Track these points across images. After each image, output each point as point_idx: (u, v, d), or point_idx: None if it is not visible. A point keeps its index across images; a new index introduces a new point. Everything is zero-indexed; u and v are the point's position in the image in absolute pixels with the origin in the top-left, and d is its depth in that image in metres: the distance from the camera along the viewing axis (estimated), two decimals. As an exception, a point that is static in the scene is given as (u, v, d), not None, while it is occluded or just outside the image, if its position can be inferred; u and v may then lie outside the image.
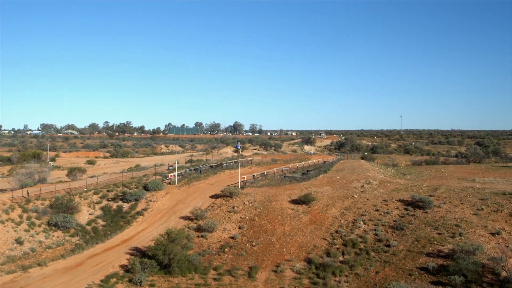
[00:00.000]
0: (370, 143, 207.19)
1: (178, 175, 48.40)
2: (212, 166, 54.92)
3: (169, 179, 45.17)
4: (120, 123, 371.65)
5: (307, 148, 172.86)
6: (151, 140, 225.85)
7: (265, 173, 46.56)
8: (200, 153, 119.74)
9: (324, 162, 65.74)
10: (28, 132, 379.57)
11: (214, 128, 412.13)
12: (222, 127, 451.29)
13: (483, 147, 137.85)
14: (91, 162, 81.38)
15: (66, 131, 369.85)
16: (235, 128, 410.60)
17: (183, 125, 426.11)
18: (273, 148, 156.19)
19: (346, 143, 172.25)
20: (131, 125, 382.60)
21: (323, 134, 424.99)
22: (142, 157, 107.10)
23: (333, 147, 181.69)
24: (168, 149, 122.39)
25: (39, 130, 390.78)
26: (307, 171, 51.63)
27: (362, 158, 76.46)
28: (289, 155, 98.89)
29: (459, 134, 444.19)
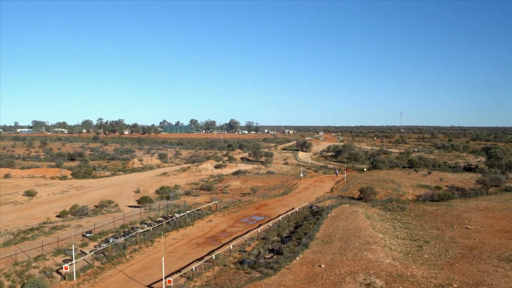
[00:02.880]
0: (369, 148, 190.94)
1: (93, 251, 32.58)
2: (151, 229, 38.81)
3: (65, 270, 29.22)
4: (112, 121, 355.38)
5: (301, 155, 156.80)
6: (137, 142, 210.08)
7: (214, 257, 30.59)
8: (177, 168, 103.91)
9: (311, 207, 49.76)
10: (18, 130, 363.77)
11: (209, 126, 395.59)
12: (219, 123, 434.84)
13: (494, 158, 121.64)
14: (30, 194, 65.62)
15: (56, 130, 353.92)
16: (231, 126, 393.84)
17: (178, 122, 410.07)
18: (263, 157, 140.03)
19: (343, 150, 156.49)
20: (124, 122, 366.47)
21: (321, 133, 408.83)
22: (106, 176, 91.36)
23: (330, 153, 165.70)
24: (142, 164, 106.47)
25: (31, 128, 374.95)
26: (281, 240, 35.75)
27: (361, 192, 60.46)
28: (275, 178, 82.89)
29: (460, 132, 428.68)
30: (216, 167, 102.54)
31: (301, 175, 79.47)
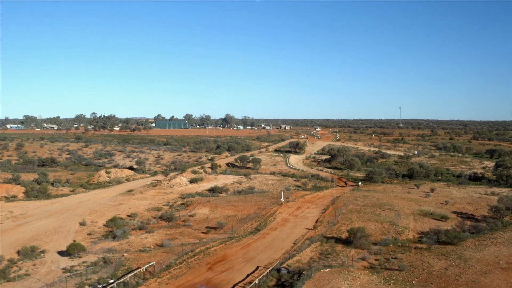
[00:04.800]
0: (366, 149, 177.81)
1: None
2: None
3: None
4: (104, 116, 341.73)
5: (292, 160, 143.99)
6: (123, 142, 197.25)
7: None
8: (148, 182, 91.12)
9: (279, 271, 36.91)
10: (8, 126, 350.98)
11: (204, 121, 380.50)
12: (214, 117, 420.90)
13: (503, 167, 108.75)
14: None
15: (45, 126, 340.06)
16: (226, 121, 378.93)
17: (172, 117, 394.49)
18: (250, 163, 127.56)
19: (338, 155, 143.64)
20: (117, 117, 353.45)
21: (318, 129, 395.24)
22: (63, 195, 78.57)
23: (324, 157, 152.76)
24: (108, 177, 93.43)
25: (21, 122, 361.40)
26: None
27: (350, 234, 47.54)
28: (252, 202, 69.83)
29: (460, 127, 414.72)
30: (191, 181, 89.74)
31: (282, 200, 66.56)
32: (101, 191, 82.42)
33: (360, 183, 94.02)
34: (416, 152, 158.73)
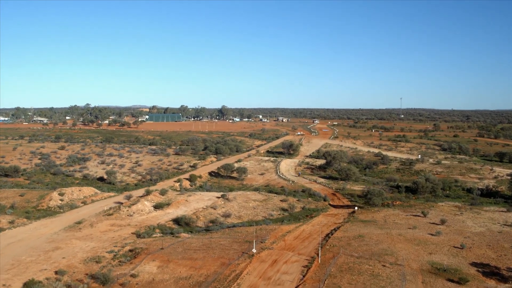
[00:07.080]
0: (366, 150, 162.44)
1: None
2: None
3: None
4: (95, 106, 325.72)
5: (283, 167, 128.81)
6: (105, 141, 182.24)
7: None
8: (105, 207, 76.03)
9: None
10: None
11: (199, 112, 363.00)
12: (211, 106, 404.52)
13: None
14: None
15: (35, 119, 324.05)
16: (222, 112, 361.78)
17: (167, 109, 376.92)
18: (235, 172, 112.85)
19: (333, 162, 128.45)
20: (109, 108, 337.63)
21: (316, 121, 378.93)
22: (-4, 228, 63.72)
23: (319, 162, 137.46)
24: (61, 201, 78.33)
25: (12, 115, 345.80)
26: None
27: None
28: (216, 252, 54.76)
29: (463, 119, 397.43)
30: (156, 206, 74.81)
31: (254, 250, 51.45)
32: (44, 222, 67.55)
33: (356, 208, 78.93)
34: (419, 155, 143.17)
